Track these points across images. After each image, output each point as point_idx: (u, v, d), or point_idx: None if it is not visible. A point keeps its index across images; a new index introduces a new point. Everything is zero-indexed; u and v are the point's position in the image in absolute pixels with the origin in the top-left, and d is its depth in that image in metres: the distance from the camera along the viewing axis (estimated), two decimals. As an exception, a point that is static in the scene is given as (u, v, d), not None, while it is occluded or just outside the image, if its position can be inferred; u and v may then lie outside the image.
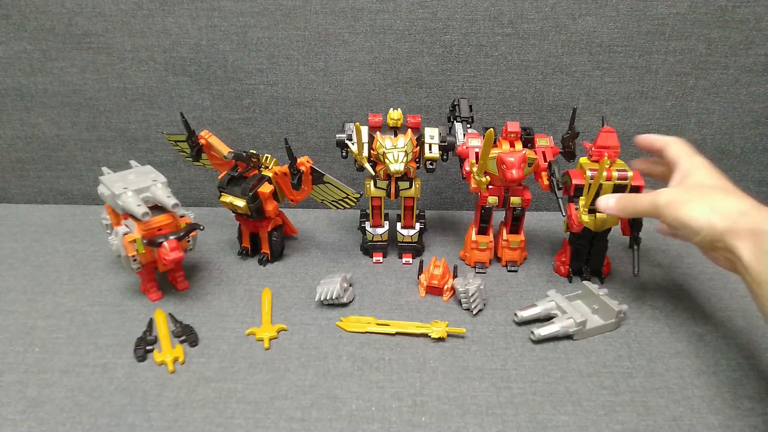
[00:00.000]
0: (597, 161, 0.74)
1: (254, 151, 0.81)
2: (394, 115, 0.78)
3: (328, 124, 0.97)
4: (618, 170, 0.72)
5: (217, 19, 0.89)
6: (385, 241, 0.86)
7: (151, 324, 0.72)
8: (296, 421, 0.58)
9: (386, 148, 0.76)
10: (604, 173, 0.71)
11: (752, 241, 0.55)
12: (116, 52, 0.92)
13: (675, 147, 0.69)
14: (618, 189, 0.72)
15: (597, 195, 0.72)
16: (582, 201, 0.74)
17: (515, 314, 0.72)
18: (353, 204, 0.83)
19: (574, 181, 0.74)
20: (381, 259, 0.87)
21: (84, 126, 0.99)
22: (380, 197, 0.83)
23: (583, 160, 0.76)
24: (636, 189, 0.72)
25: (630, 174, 0.72)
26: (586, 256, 0.80)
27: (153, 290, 0.77)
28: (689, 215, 0.60)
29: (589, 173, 0.73)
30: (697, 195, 0.61)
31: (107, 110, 0.97)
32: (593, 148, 0.74)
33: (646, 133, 0.74)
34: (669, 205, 0.62)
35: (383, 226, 0.86)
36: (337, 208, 0.85)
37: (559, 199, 0.75)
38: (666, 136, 0.71)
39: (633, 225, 0.77)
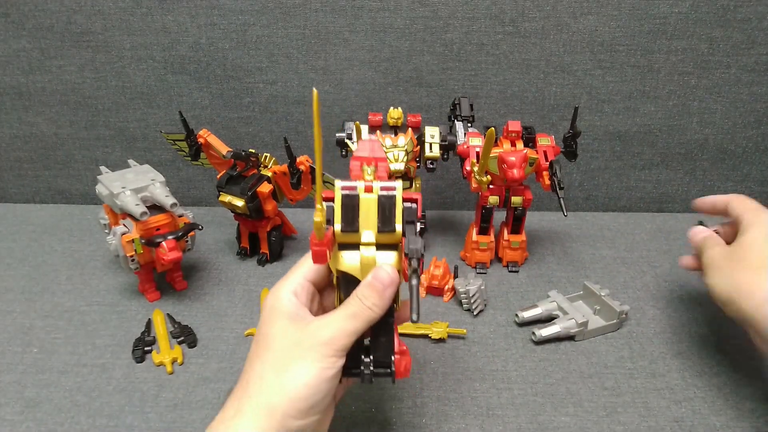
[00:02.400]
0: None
1: (253, 150, 0.81)
2: (395, 114, 0.78)
3: (328, 123, 0.97)
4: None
5: (216, 17, 0.89)
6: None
7: (149, 324, 0.71)
8: (295, 423, 0.58)
9: (386, 147, 0.76)
10: None
11: None
12: (115, 51, 0.92)
13: (737, 202, 0.62)
14: None
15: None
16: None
17: (516, 315, 0.72)
18: (353, 203, 0.82)
19: None
20: (381, 259, 0.86)
21: (82, 125, 0.99)
22: (380, 197, 0.83)
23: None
24: None
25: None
26: None
27: (151, 290, 0.76)
28: (709, 284, 0.57)
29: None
30: (729, 262, 0.57)
31: (106, 109, 0.97)
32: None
33: (706, 196, 0.68)
34: (706, 267, 0.59)
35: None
36: (337, 207, 0.84)
37: (561, 199, 0.75)
38: (726, 195, 0.65)
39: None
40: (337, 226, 0.44)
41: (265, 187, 0.78)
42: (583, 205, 1.04)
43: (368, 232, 0.44)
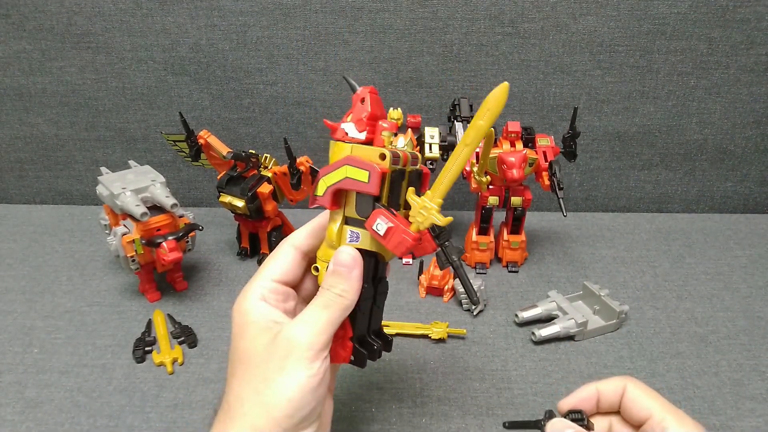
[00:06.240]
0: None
1: (253, 151, 0.81)
2: (394, 114, 0.78)
3: (328, 124, 0.97)
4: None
5: (216, 18, 0.89)
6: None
7: (149, 325, 0.71)
8: (296, 423, 0.58)
9: (386, 148, 0.76)
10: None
11: None
12: (115, 52, 0.92)
13: (635, 390, 0.45)
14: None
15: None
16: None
17: (516, 315, 0.72)
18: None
19: None
20: (381, 259, 0.86)
21: (83, 126, 0.99)
22: (380, 197, 0.83)
23: None
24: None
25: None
26: None
27: (152, 291, 0.76)
28: None
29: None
30: None
31: (106, 110, 0.97)
32: None
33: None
34: None
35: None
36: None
37: (560, 199, 0.75)
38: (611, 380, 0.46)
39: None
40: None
41: (265, 188, 0.79)
42: (582, 206, 1.04)
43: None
